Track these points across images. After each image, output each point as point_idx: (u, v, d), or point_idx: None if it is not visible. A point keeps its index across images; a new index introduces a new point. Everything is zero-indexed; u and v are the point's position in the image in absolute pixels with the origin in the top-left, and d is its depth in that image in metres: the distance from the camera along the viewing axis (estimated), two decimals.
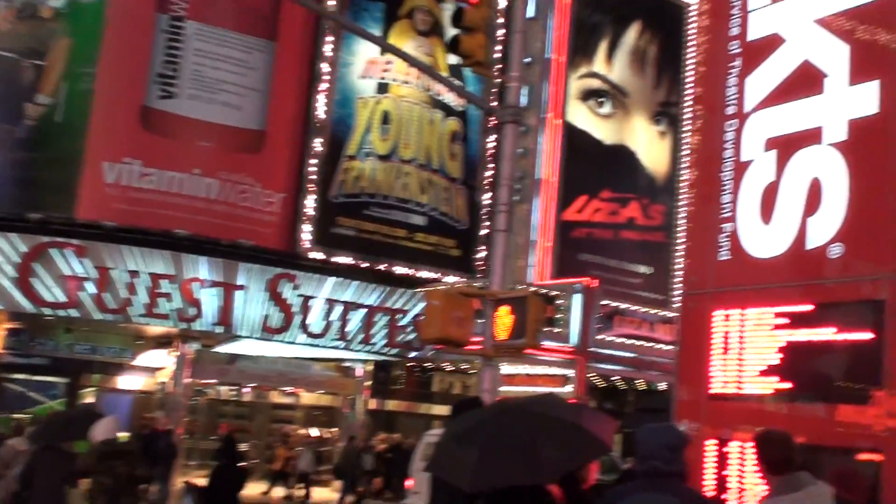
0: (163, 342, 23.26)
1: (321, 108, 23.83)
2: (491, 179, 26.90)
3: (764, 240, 6.49)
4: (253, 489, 21.93)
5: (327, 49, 23.82)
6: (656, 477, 4.39)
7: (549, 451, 5.06)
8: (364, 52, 24.65)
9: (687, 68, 7.60)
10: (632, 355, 23.97)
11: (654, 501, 4.30)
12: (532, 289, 17.32)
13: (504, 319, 9.80)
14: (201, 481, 13.95)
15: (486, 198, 26.88)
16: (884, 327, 5.67)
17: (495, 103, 18.43)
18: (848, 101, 6.21)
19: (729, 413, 6.41)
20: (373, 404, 27.33)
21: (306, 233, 23.30)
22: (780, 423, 5.84)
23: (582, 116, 27.78)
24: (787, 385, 6.17)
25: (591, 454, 5.32)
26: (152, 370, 24.02)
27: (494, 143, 26.86)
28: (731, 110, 6.94)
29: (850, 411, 5.73)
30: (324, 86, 23.73)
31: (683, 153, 25.13)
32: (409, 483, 20.63)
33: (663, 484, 4.36)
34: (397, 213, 25.33)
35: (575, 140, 27.09)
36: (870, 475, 5.44)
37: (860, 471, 5.46)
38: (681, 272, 7.10)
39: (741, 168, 6.77)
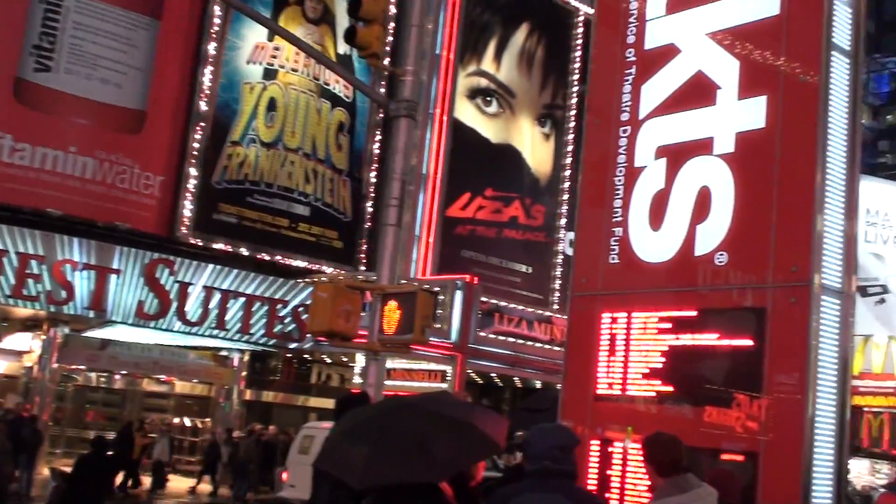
0: (30, 325, 22.37)
1: (205, 91, 23.28)
2: (376, 172, 26.82)
3: (653, 245, 6.64)
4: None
5: (214, 30, 23.29)
6: (547, 477, 4.43)
7: (443, 448, 5.04)
8: (252, 36, 24.21)
9: (574, 72, 7.70)
10: (510, 353, 24.29)
11: (544, 501, 4.34)
12: (415, 284, 17.33)
13: (391, 314, 9.77)
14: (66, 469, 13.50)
15: (371, 191, 26.80)
16: (764, 335, 5.87)
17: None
18: (737, 115, 6.40)
19: (614, 414, 6.54)
20: (249, 395, 26.92)
21: (186, 218, 22.74)
22: (661, 426, 6.00)
23: (469, 114, 27.95)
24: (669, 388, 6.33)
25: (484, 453, 5.33)
26: (17, 354, 23.06)
27: (380, 137, 26.79)
28: (625, 117, 7.08)
29: (728, 415, 5.91)
30: (209, 68, 23.18)
31: (567, 156, 25.65)
32: (284, 475, 20.44)
33: (553, 483, 4.41)
34: (280, 202, 24.99)
35: (461, 137, 27.23)
36: (745, 477, 5.62)
37: (735, 473, 5.63)
38: (560, 272, 7.18)
39: (633, 174, 6.91)
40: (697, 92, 6.63)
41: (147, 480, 21.41)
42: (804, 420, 5.56)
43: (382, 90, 22.43)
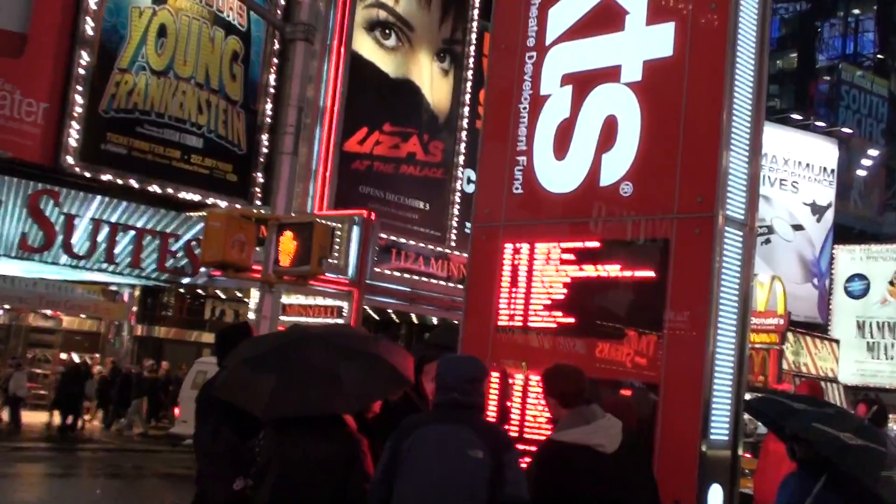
0: None
1: (91, 14, 22.17)
2: (272, 104, 26.12)
3: (557, 175, 6.49)
4: None
5: None
6: (454, 408, 4.32)
7: (355, 381, 4.87)
8: None
9: (474, 7, 7.44)
10: (407, 289, 24.24)
11: (449, 432, 4.23)
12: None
13: (287, 245, 9.46)
14: None
15: (267, 123, 26.11)
16: (668, 267, 5.80)
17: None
18: (644, 42, 6.25)
19: (515, 346, 6.43)
20: (140, 331, 26.30)
21: (72, 147, 21.79)
22: (562, 357, 5.92)
23: (367, 47, 27.42)
24: (571, 320, 6.24)
25: (394, 386, 5.17)
26: None
27: (276, 68, 26.03)
28: (530, 42, 6.86)
29: (629, 347, 5.85)
30: None
31: (466, 92, 25.41)
32: (176, 410, 20.05)
33: (460, 415, 4.30)
34: (172, 133, 24.23)
35: (359, 70, 26.73)
36: (644, 408, 5.58)
37: (631, 402, 5.60)
38: (458, 210, 6.99)
39: (538, 102, 6.72)
40: (605, 17, 6.44)
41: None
42: (705, 353, 5.53)
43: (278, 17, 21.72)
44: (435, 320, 25.64)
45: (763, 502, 7.54)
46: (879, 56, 66.25)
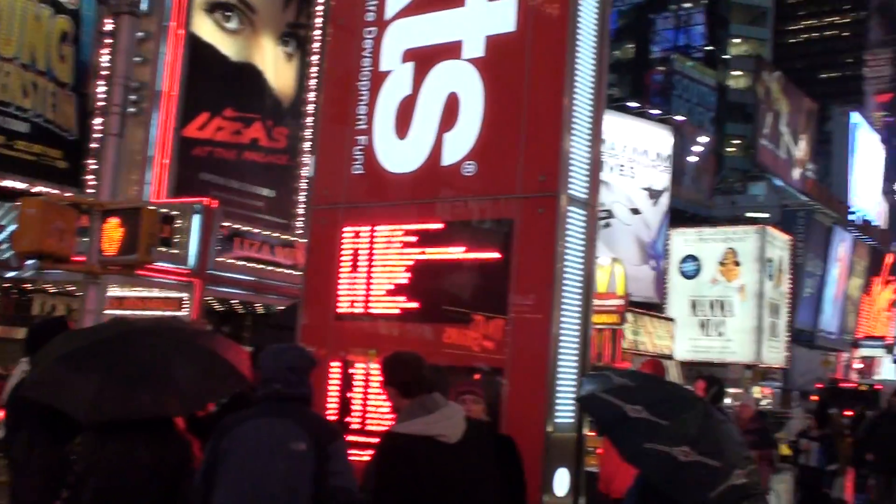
0: None
1: None
2: (106, 87, 24.92)
3: (399, 155, 6.26)
4: None
5: None
6: (278, 401, 4.00)
7: (188, 380, 4.46)
8: None
9: None
10: (252, 279, 23.62)
11: (273, 426, 3.92)
12: (143, 201, 16.21)
13: (112, 233, 8.87)
14: None
15: (98, 106, 24.89)
16: (511, 248, 5.67)
17: None
18: (486, 17, 6.08)
19: (355, 334, 6.17)
20: None
21: None
22: (406, 344, 5.70)
23: (207, 29, 26.48)
24: (414, 305, 6.03)
25: (231, 385, 4.80)
26: None
27: (109, 49, 24.85)
28: (370, 17, 6.59)
29: (474, 331, 5.69)
30: None
31: (310, 77, 24.93)
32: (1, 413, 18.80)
33: (285, 408, 3.99)
34: None
35: (199, 53, 25.79)
36: (491, 394, 5.43)
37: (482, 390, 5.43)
38: (304, 197, 6.68)
39: (378, 79, 6.47)
40: None
41: None
42: (549, 336, 5.42)
43: None
44: (281, 308, 25.06)
45: (608, 480, 7.55)
46: (708, 48, 69.19)
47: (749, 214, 43.63)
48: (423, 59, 6.29)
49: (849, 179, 61.83)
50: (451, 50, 6.16)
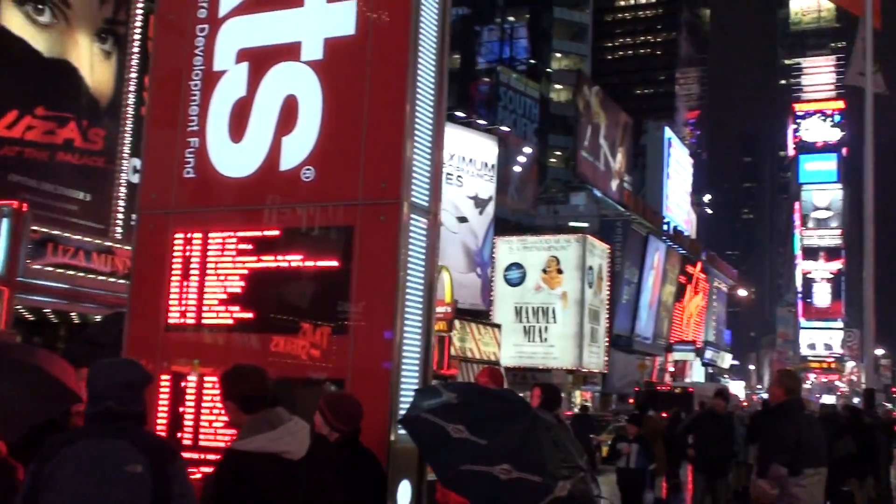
0: None
1: None
2: None
3: (234, 158, 6.00)
4: None
5: None
6: (109, 420, 3.70)
7: (11, 401, 4.05)
8: None
9: None
10: (66, 286, 22.43)
11: (101, 447, 3.61)
12: None
13: None
14: None
15: None
16: (352, 256, 5.53)
17: None
18: (326, 18, 5.93)
19: (188, 345, 5.87)
20: None
21: None
22: (242, 356, 5.47)
23: (18, 22, 24.99)
24: (249, 315, 5.79)
25: (60, 403, 4.40)
26: None
27: None
28: (202, 14, 6.31)
29: (315, 341, 5.52)
30: None
31: (130, 76, 23.87)
32: None
33: (117, 427, 3.69)
34: None
35: (8, 47, 24.32)
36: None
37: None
38: (124, 201, 6.31)
39: (212, 79, 6.19)
40: None
41: None
42: (392, 345, 5.31)
43: None
44: (98, 318, 23.91)
45: (446, 492, 7.50)
46: (532, 61, 71.15)
47: (571, 224, 45.02)
48: (260, 59, 6.06)
49: (662, 191, 64.88)
50: (288, 51, 5.97)
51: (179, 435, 5.66)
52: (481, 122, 41.41)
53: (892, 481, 22.68)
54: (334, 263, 5.60)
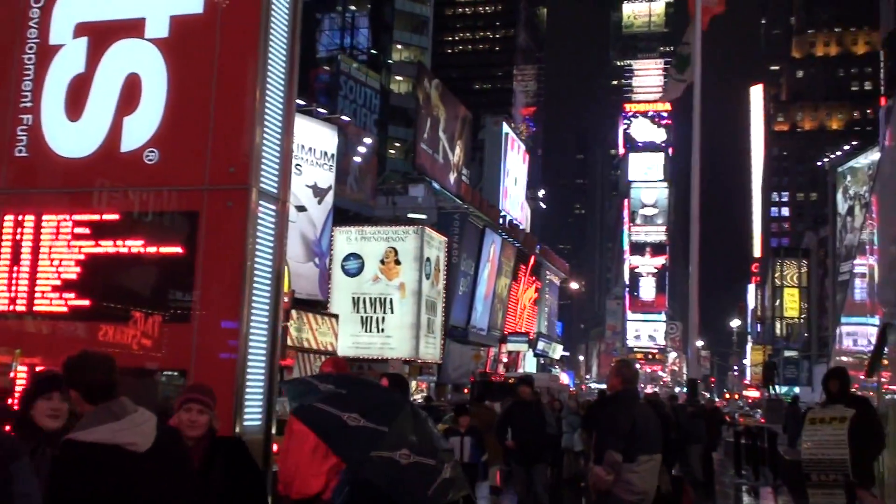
0: None
1: None
2: None
3: (71, 138, 5.71)
4: None
5: None
6: None
7: None
8: None
9: None
10: None
11: None
12: None
13: None
14: None
15: None
16: (197, 242, 5.36)
17: None
18: None
19: (18, 334, 5.55)
20: None
21: None
22: (78, 344, 5.21)
23: None
24: (86, 302, 5.53)
25: None
26: None
27: None
28: None
29: (157, 329, 5.32)
30: None
31: None
32: None
33: None
34: None
35: None
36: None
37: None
38: None
39: (47, 53, 5.86)
40: None
41: None
42: (239, 336, 5.18)
43: None
44: None
45: (287, 482, 7.41)
46: (373, 51, 71.01)
47: (409, 215, 45.22)
48: (100, 34, 5.79)
49: (499, 185, 66.08)
50: (131, 27, 5.72)
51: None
52: (321, 110, 40.96)
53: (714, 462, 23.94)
54: (178, 250, 5.42)
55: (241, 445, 4.62)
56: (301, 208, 35.69)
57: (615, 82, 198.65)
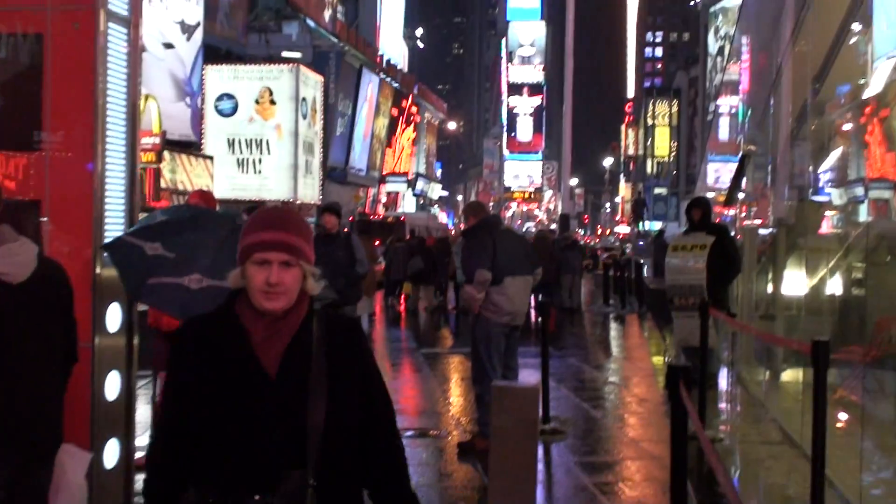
0: None
1: None
2: None
3: None
4: None
5: None
6: None
7: None
8: None
9: None
10: None
11: None
12: None
13: None
14: None
15: None
16: (42, 70, 5.02)
17: None
18: None
19: None
20: None
21: None
22: None
23: None
24: None
25: None
26: None
27: None
28: None
29: (23, 159, 5.03)
30: None
31: None
32: None
33: None
34: None
35: None
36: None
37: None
38: None
39: None
40: None
41: None
42: (94, 175, 4.94)
43: None
44: None
45: (157, 314, 7.47)
46: None
47: (283, 54, 43.83)
48: None
49: (376, 23, 64.56)
50: None
51: None
52: None
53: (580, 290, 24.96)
54: (19, 79, 5.07)
55: (358, 332, 2.85)
56: (169, 45, 34.15)
57: None
